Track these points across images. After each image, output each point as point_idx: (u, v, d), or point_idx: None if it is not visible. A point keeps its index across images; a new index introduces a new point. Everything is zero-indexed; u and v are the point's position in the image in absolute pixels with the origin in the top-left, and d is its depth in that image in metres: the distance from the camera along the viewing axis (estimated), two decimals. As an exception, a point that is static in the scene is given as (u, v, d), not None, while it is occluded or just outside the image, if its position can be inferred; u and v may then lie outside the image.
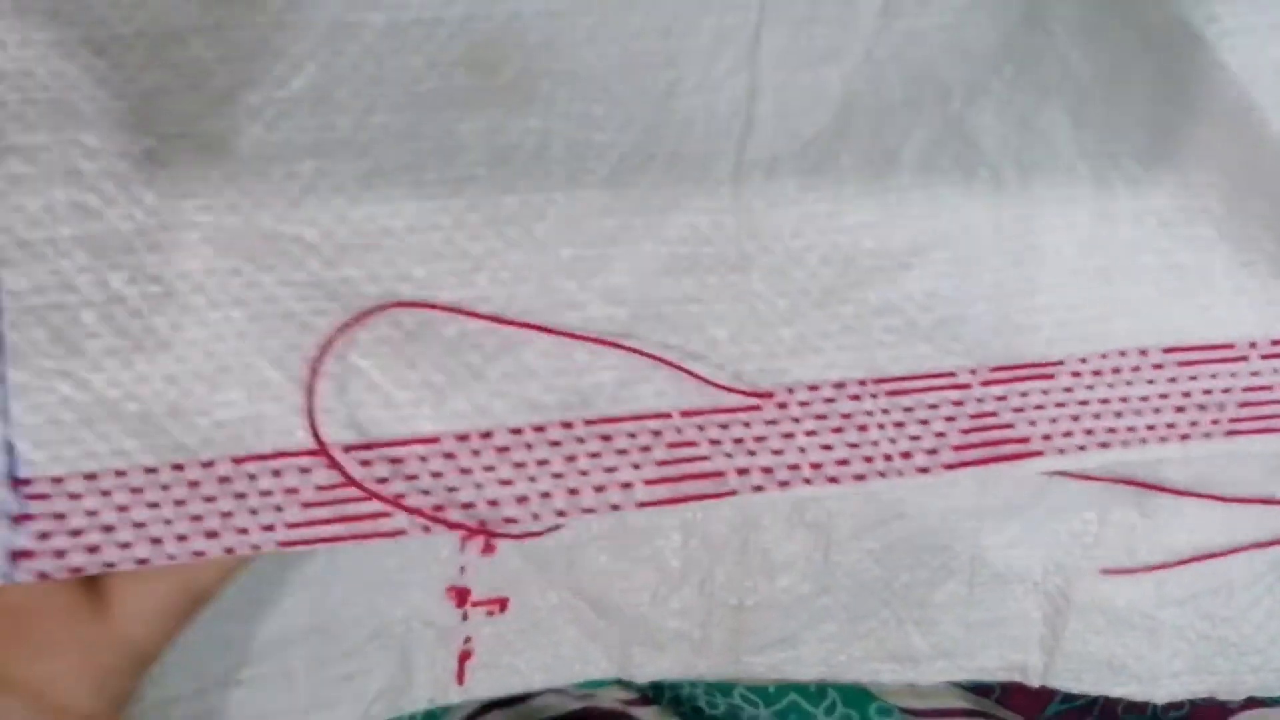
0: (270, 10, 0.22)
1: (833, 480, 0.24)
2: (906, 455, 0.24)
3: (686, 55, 0.23)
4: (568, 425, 0.23)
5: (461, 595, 0.29)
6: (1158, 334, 0.25)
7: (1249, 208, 0.24)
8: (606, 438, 0.23)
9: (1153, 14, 0.23)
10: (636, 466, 0.23)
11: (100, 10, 0.21)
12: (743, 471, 0.23)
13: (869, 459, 0.24)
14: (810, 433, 0.24)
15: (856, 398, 0.24)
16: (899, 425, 0.24)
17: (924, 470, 0.24)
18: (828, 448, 0.24)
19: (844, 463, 0.24)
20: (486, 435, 0.23)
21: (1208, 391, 0.25)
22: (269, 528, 0.22)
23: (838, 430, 0.24)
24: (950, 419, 0.24)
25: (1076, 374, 0.25)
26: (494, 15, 0.22)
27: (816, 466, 0.24)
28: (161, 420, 0.21)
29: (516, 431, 0.23)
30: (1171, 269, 0.25)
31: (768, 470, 0.24)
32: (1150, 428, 0.25)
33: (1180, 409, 0.25)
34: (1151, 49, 0.23)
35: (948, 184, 0.24)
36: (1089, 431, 0.25)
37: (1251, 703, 0.30)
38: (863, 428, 0.24)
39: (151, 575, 0.21)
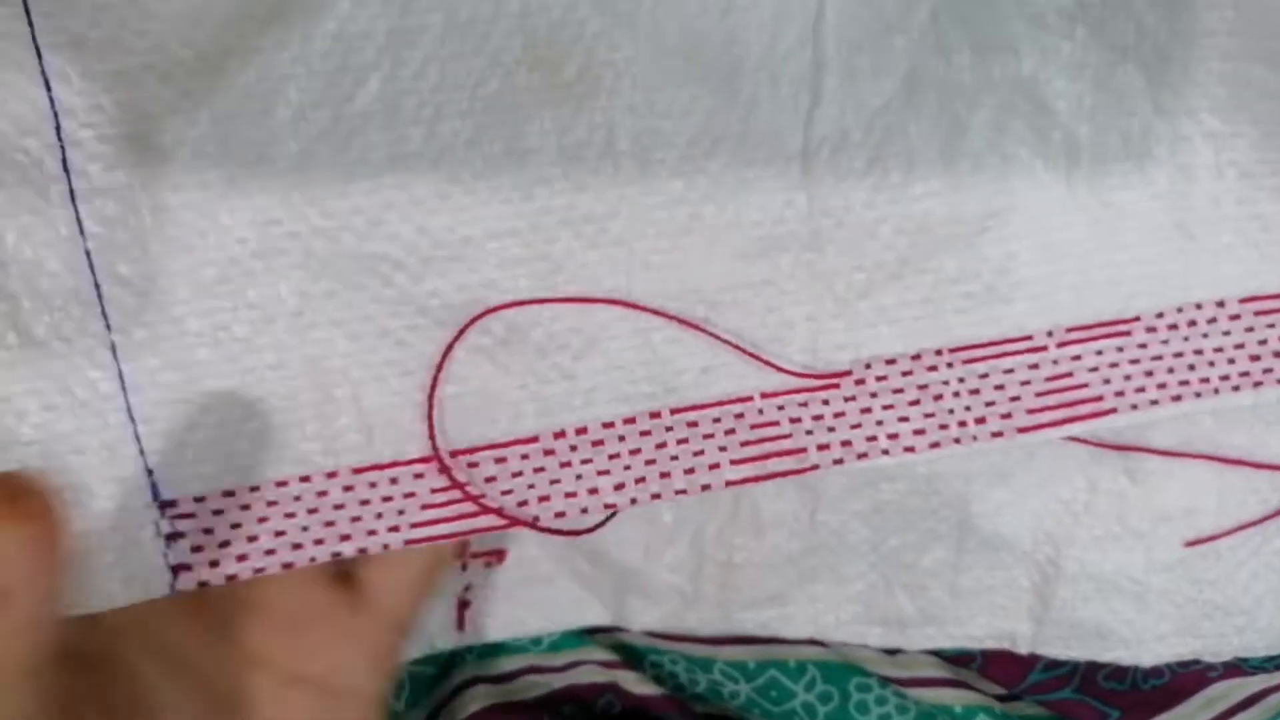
0: (330, 22, 0.21)
1: (909, 449, 0.25)
2: (981, 420, 0.25)
3: (748, 32, 0.23)
4: (655, 415, 0.24)
5: (460, 548, 0.30)
6: (1237, 285, 0.25)
7: None
8: (693, 424, 0.24)
9: None
10: (723, 449, 0.24)
11: (157, 34, 0.21)
12: (823, 447, 0.24)
13: (944, 426, 0.25)
14: (888, 406, 0.25)
15: (934, 368, 0.25)
16: (974, 392, 0.25)
17: (998, 434, 0.25)
18: (904, 419, 0.25)
19: (920, 432, 0.25)
20: (581, 431, 0.24)
21: None
22: (394, 529, 0.23)
23: (914, 403, 0.25)
24: (1025, 383, 0.25)
25: (1152, 329, 0.25)
26: (550, 7, 0.22)
27: (893, 437, 0.24)
28: (281, 436, 0.23)
29: (609, 425, 0.24)
30: (1255, 219, 0.25)
31: (847, 444, 0.24)
32: (1224, 377, 0.25)
33: (1255, 357, 0.25)
34: (1231, 3, 0.23)
35: (1020, 148, 0.24)
36: (1161, 385, 0.25)
37: (1234, 670, 0.31)
38: (938, 397, 0.25)
39: (392, 560, 0.24)
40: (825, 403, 0.24)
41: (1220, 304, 0.25)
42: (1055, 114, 0.24)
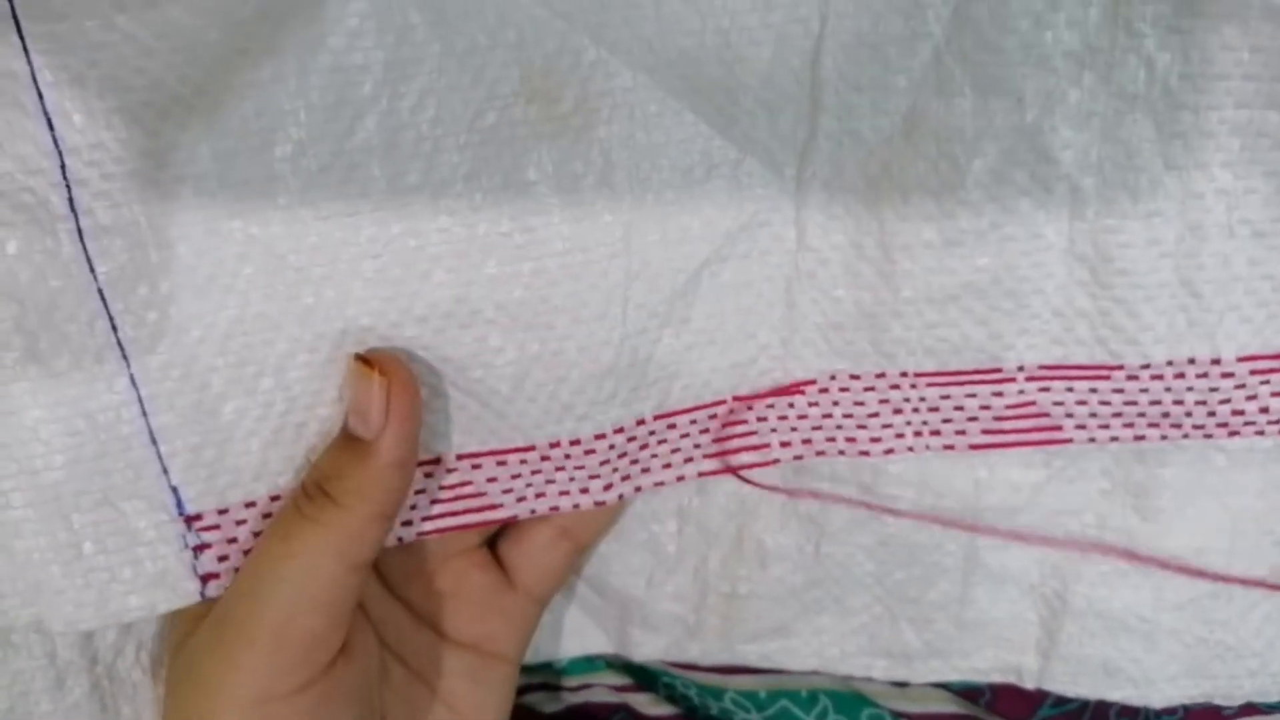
0: (328, 55, 0.21)
1: (864, 453, 0.26)
2: (936, 433, 0.26)
3: (746, 66, 0.23)
4: (641, 422, 0.26)
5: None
6: (1238, 344, 0.25)
7: None
8: (672, 426, 0.26)
9: (1252, 6, 0.21)
10: (697, 446, 0.26)
11: (155, 72, 0.21)
12: (785, 444, 0.26)
13: (900, 435, 0.26)
14: (848, 415, 0.26)
15: (896, 387, 0.26)
16: (934, 410, 0.26)
17: (950, 447, 0.26)
18: (863, 427, 0.26)
19: (876, 440, 0.26)
20: (575, 442, 0.25)
21: (1276, 394, 0.25)
22: (407, 523, 0.25)
23: (874, 415, 0.26)
24: (985, 407, 0.26)
25: (1134, 377, 0.25)
26: (546, 38, 0.22)
27: (851, 440, 0.26)
28: (296, 447, 0.24)
29: (600, 436, 0.25)
30: (1266, 279, 0.24)
31: (807, 442, 0.26)
32: (1197, 426, 0.25)
33: (1239, 412, 0.25)
34: (1249, 40, 0.22)
35: (1021, 199, 0.24)
36: (1128, 425, 0.25)
37: (1249, 709, 0.30)
38: (898, 411, 0.26)
39: (535, 548, 0.27)
40: (791, 405, 0.26)
41: (1216, 361, 0.25)
42: (1059, 164, 0.23)
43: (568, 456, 0.25)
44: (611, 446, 0.25)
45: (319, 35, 0.21)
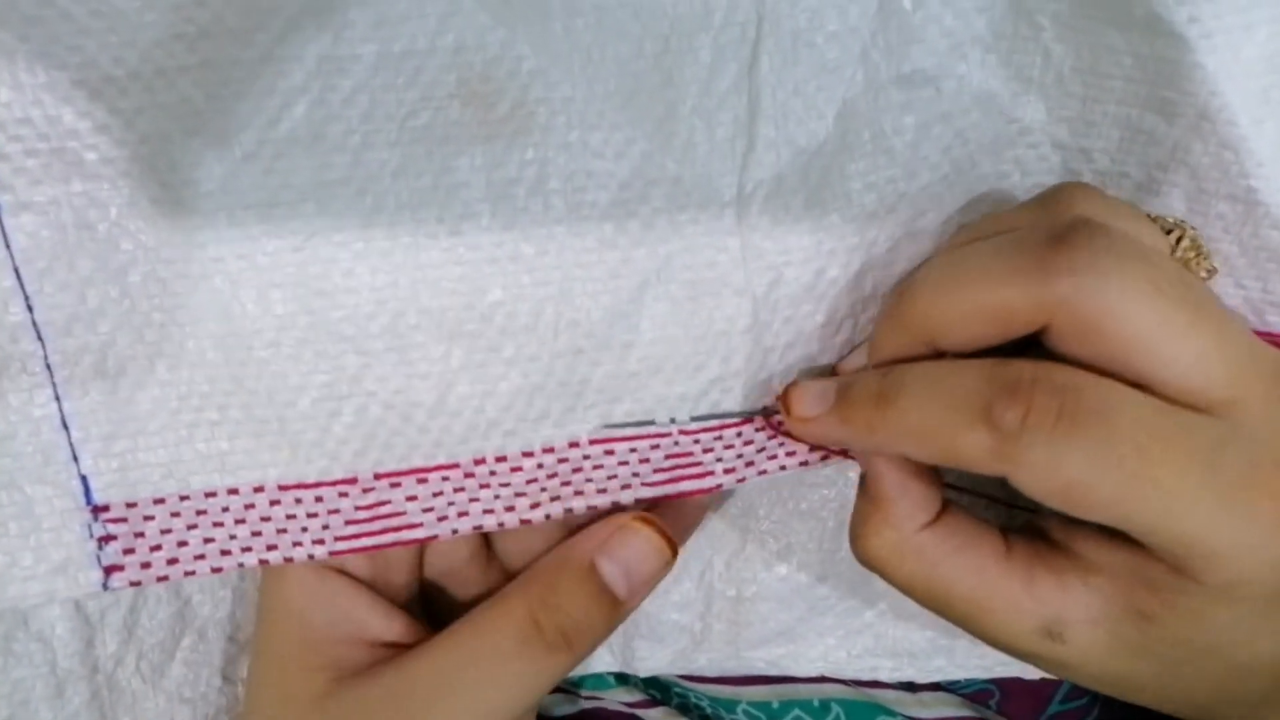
0: (257, 46, 0.20)
1: (804, 464, 0.25)
2: None
3: (684, 75, 0.22)
4: (574, 444, 0.24)
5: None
6: None
7: (1211, 208, 0.24)
8: (610, 452, 0.24)
9: (1136, 11, 0.22)
10: (636, 475, 0.24)
11: (90, 51, 0.20)
12: (729, 470, 0.25)
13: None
14: (787, 431, 0.24)
15: None
16: None
17: None
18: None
19: (815, 448, 0.25)
20: (501, 459, 0.24)
21: None
22: (319, 541, 0.24)
23: None
24: None
25: None
26: (486, 44, 0.21)
27: (791, 454, 0.25)
28: (210, 449, 0.23)
29: (528, 454, 0.24)
30: None
31: (749, 464, 0.25)
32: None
33: None
34: (1132, 47, 0.22)
35: (934, 172, 0.24)
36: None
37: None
38: None
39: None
40: (739, 435, 0.24)
41: None
42: (966, 139, 0.24)
43: (493, 474, 0.24)
44: (540, 466, 0.24)
45: (255, 24, 0.20)
